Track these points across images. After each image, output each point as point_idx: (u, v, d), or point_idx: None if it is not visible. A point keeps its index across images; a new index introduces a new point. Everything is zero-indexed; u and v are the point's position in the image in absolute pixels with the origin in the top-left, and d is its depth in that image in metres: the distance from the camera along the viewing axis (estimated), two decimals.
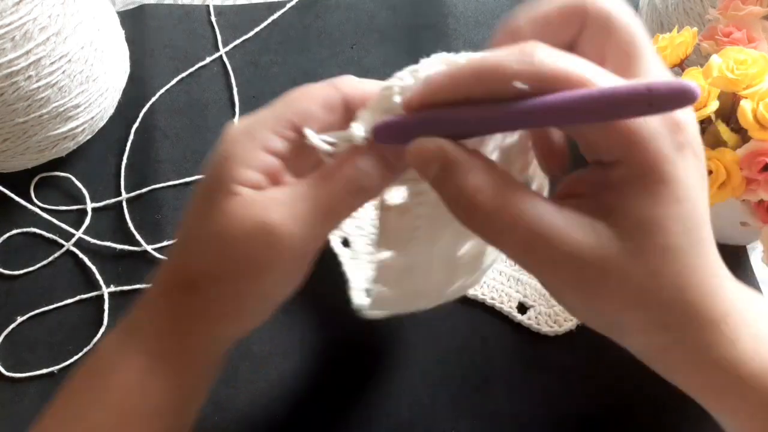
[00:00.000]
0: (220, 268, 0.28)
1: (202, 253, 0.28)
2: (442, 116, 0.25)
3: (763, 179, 0.38)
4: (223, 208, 0.27)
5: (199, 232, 0.29)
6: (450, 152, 0.25)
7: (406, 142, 0.25)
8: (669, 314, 0.24)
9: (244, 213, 0.27)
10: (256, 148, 0.28)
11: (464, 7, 0.62)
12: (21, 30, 0.42)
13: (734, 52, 0.39)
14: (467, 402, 0.45)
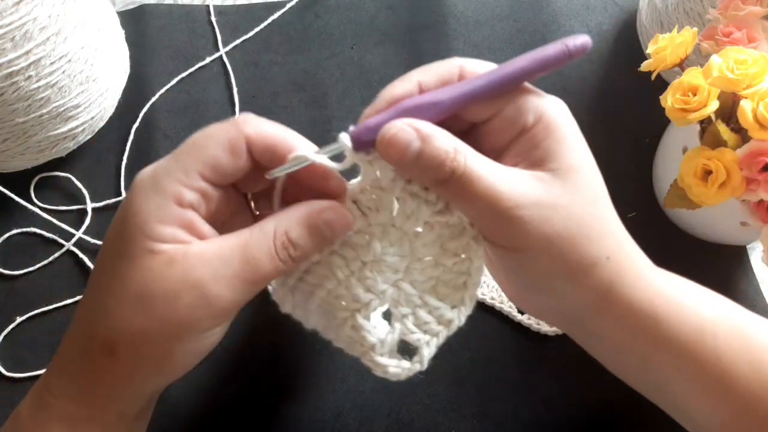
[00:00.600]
0: (143, 329, 0.27)
1: (123, 314, 0.27)
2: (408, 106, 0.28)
3: (763, 179, 0.38)
4: (144, 266, 0.27)
5: (118, 292, 0.27)
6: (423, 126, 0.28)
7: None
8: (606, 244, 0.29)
9: (169, 272, 0.27)
10: (169, 203, 0.28)
11: (464, 7, 0.62)
12: (21, 30, 0.42)
13: (734, 52, 0.39)
14: (467, 402, 0.45)
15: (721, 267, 0.51)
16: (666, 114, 0.42)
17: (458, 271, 0.31)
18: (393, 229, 0.31)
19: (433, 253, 0.31)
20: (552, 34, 0.61)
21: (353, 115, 0.57)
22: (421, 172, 0.28)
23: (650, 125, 0.54)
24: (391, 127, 0.28)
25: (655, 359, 0.31)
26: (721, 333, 0.30)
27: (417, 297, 0.31)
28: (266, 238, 0.28)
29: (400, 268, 0.31)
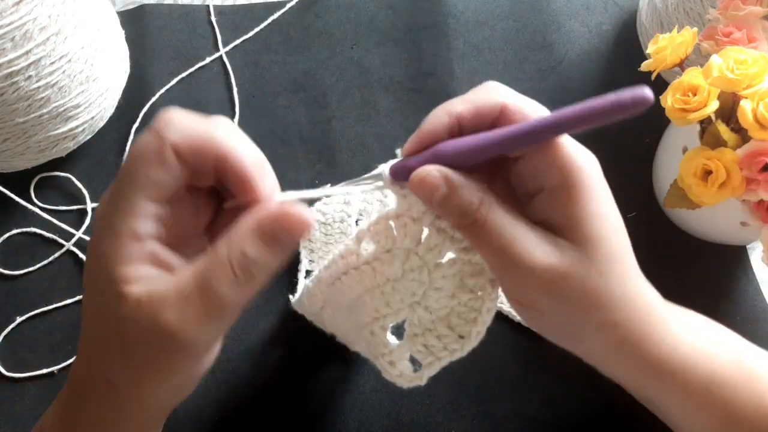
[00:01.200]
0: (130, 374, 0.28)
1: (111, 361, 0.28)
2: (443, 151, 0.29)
3: (763, 179, 0.38)
4: (117, 315, 0.26)
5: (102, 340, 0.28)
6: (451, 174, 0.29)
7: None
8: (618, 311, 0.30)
9: (138, 317, 0.26)
10: (125, 241, 0.26)
11: (464, 7, 0.62)
12: (21, 30, 0.42)
13: (734, 52, 0.39)
14: (467, 402, 0.45)
15: (721, 267, 0.51)
16: (666, 114, 0.42)
17: (471, 307, 0.33)
18: (415, 257, 0.32)
19: (451, 285, 0.32)
20: (552, 34, 0.61)
21: (353, 115, 0.57)
22: (446, 215, 0.30)
23: (650, 125, 0.54)
24: (421, 172, 0.29)
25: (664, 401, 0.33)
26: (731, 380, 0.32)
27: (429, 321, 0.33)
28: (221, 265, 0.26)
29: (417, 292, 0.33)
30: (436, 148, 0.30)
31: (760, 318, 0.49)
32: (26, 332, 0.48)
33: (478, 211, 0.28)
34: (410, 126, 0.56)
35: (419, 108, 0.57)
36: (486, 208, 0.29)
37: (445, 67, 0.59)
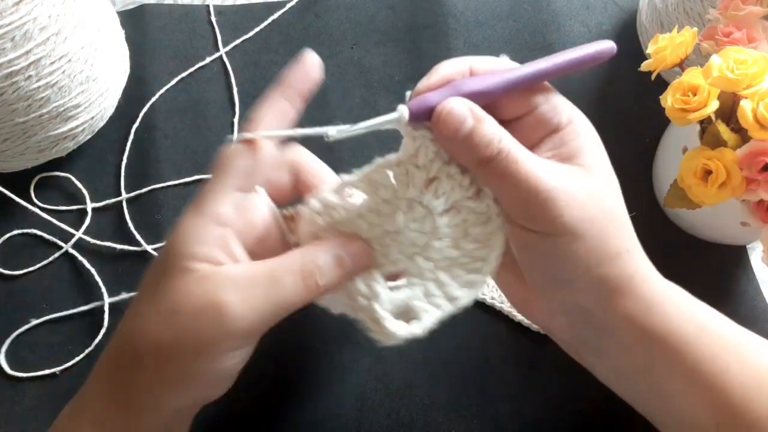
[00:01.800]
0: (165, 341, 0.28)
1: (150, 327, 0.29)
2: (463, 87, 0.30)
3: (763, 179, 0.38)
4: (177, 284, 0.28)
5: (151, 307, 0.29)
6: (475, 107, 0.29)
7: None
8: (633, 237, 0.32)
9: (197, 290, 0.28)
10: (208, 222, 0.29)
11: (464, 7, 0.62)
12: (21, 30, 0.42)
13: (734, 52, 0.39)
14: (467, 402, 0.46)
15: (721, 267, 0.51)
16: (666, 114, 0.42)
17: (476, 256, 0.32)
18: (419, 206, 0.31)
19: (455, 235, 0.32)
20: (552, 34, 0.61)
21: (353, 115, 0.57)
22: (470, 149, 0.29)
23: (650, 125, 0.54)
24: (448, 103, 0.29)
25: (659, 355, 0.31)
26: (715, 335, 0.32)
27: (430, 272, 0.32)
28: (294, 264, 0.30)
29: (419, 243, 0.32)
30: (456, 84, 0.30)
31: (760, 318, 0.49)
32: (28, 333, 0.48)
33: (501, 142, 0.29)
34: None
35: None
36: (507, 139, 0.29)
37: None
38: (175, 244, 0.29)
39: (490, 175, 0.30)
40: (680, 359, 0.31)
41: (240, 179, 0.31)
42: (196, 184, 0.54)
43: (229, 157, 0.31)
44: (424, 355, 0.47)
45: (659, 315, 0.31)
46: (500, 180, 0.29)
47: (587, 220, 0.29)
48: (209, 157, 0.54)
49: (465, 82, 0.30)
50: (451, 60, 0.32)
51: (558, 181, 0.29)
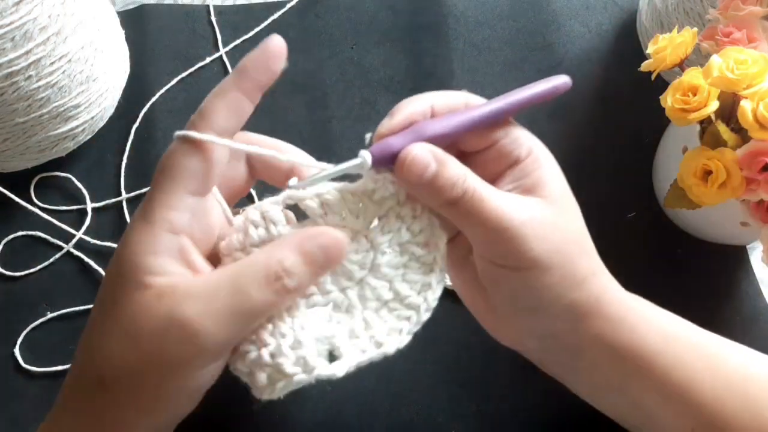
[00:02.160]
0: (130, 365, 0.26)
1: (112, 351, 0.27)
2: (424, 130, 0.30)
3: (763, 179, 0.38)
4: (134, 301, 0.26)
5: (110, 327, 0.27)
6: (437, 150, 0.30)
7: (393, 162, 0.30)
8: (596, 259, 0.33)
9: (158, 308, 0.26)
10: (161, 231, 0.27)
11: (464, 7, 0.62)
12: (21, 30, 0.42)
13: (734, 52, 0.39)
14: (467, 402, 0.45)
15: (721, 267, 0.51)
16: (666, 114, 0.42)
17: (408, 304, 0.31)
18: (364, 239, 0.31)
19: (392, 276, 0.31)
20: (552, 34, 0.61)
21: (353, 114, 0.57)
22: (435, 193, 0.29)
23: (650, 125, 0.54)
24: (411, 150, 0.29)
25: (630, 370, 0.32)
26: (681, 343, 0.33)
27: (359, 310, 0.31)
28: (257, 268, 0.27)
29: (355, 277, 0.31)
30: (417, 128, 0.30)
31: (760, 318, 0.49)
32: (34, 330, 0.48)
33: (466, 182, 0.29)
34: None
35: None
36: (471, 178, 0.30)
37: (445, 67, 0.59)
38: (126, 255, 0.27)
39: (457, 215, 0.30)
40: (650, 371, 0.32)
41: (192, 182, 0.28)
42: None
43: (178, 159, 0.27)
44: (424, 355, 0.47)
45: (627, 332, 0.32)
46: (467, 219, 0.30)
47: (554, 251, 0.30)
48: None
49: (426, 125, 0.30)
50: (411, 99, 0.32)
51: (523, 215, 0.29)
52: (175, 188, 0.27)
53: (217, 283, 0.27)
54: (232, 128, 0.29)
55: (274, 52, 0.29)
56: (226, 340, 0.27)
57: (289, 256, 0.28)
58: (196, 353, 0.26)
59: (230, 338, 0.27)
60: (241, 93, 0.29)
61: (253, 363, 0.29)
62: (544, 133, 0.57)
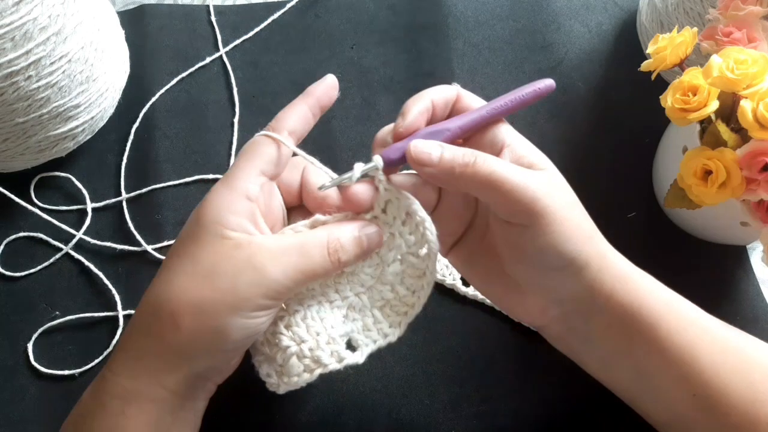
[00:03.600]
0: (208, 300, 0.32)
1: (190, 287, 0.32)
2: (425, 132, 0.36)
3: (763, 179, 0.38)
4: (214, 249, 0.32)
5: (187, 269, 0.32)
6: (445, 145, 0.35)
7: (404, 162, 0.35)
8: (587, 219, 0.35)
9: (235, 254, 0.32)
10: (240, 197, 0.33)
11: (464, 7, 0.62)
12: (21, 30, 0.42)
13: (734, 52, 0.39)
14: (467, 402, 0.46)
15: (721, 267, 0.51)
16: (666, 114, 0.42)
17: (405, 302, 0.38)
18: (375, 254, 0.37)
19: (394, 281, 0.38)
20: (552, 34, 0.61)
21: (353, 114, 0.57)
22: (448, 165, 0.34)
23: (650, 125, 0.54)
24: (416, 142, 0.34)
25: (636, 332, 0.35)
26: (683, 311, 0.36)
27: (369, 309, 0.38)
28: (321, 239, 0.34)
29: (366, 284, 0.38)
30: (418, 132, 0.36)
31: (760, 318, 0.49)
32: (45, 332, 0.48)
33: (473, 154, 0.34)
34: None
35: None
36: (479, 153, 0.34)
37: (445, 67, 0.59)
38: (207, 213, 0.33)
39: (473, 179, 0.33)
40: (654, 334, 0.35)
41: (267, 165, 0.34)
42: (196, 184, 0.54)
43: (258, 144, 0.35)
44: (424, 355, 0.47)
45: (633, 291, 0.35)
46: (482, 181, 0.33)
47: (561, 206, 0.34)
48: (209, 157, 0.55)
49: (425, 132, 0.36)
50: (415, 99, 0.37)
51: (530, 176, 0.34)
52: (252, 166, 0.34)
53: (288, 244, 0.33)
54: (299, 131, 0.36)
55: (330, 85, 0.37)
56: (286, 288, 0.33)
57: (346, 236, 0.35)
58: (261, 294, 0.32)
59: (289, 287, 0.33)
60: (307, 107, 0.36)
61: (291, 355, 0.35)
62: (545, 133, 0.58)
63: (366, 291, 0.38)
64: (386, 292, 0.38)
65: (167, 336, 0.32)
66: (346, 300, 0.38)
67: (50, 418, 0.45)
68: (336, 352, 0.36)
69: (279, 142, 0.35)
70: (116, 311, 0.48)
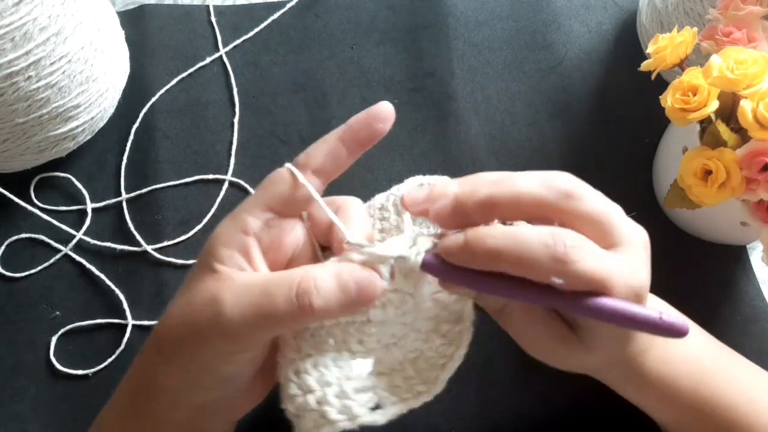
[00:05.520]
0: (176, 328, 0.31)
1: (171, 316, 0.31)
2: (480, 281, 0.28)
3: (763, 179, 0.38)
4: (201, 280, 0.31)
5: (178, 299, 0.32)
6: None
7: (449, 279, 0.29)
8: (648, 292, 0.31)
9: (210, 287, 0.30)
10: (237, 230, 0.31)
11: (464, 7, 0.62)
12: (21, 30, 0.42)
13: (734, 52, 0.39)
14: (467, 402, 0.45)
15: (721, 267, 0.51)
16: (666, 114, 0.42)
17: (441, 353, 0.32)
18: (410, 298, 0.31)
19: (427, 328, 0.32)
20: (552, 34, 0.61)
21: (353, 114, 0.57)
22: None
23: (650, 125, 0.54)
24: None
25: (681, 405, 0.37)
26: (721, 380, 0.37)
27: (398, 363, 0.32)
28: (289, 279, 0.29)
29: (397, 334, 0.32)
30: None
31: (760, 318, 0.49)
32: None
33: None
34: (410, 126, 0.56)
35: (419, 108, 0.57)
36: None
37: (445, 67, 0.59)
38: (209, 243, 0.32)
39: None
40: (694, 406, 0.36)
41: (275, 201, 0.32)
42: (196, 184, 0.54)
43: (273, 181, 0.32)
44: None
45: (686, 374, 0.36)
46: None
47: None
48: (209, 157, 0.55)
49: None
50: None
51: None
52: (259, 199, 0.32)
53: (255, 281, 0.29)
54: (327, 170, 0.32)
55: (379, 115, 0.32)
56: (243, 332, 0.29)
57: (324, 278, 0.29)
58: (217, 332, 0.29)
59: (246, 331, 0.29)
60: (341, 143, 0.32)
61: (300, 407, 0.31)
62: (545, 133, 0.58)
63: (396, 342, 0.33)
64: (418, 342, 0.32)
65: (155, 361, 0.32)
66: (369, 352, 0.32)
67: (51, 417, 0.45)
68: (348, 408, 0.30)
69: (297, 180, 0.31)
70: (123, 315, 0.48)
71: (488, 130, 0.56)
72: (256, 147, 0.55)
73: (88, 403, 0.45)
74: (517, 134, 0.56)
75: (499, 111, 0.57)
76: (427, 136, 0.56)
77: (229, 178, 0.54)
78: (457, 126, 0.56)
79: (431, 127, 0.56)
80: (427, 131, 0.56)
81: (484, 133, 0.56)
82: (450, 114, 0.57)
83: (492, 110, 0.57)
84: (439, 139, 0.56)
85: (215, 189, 0.54)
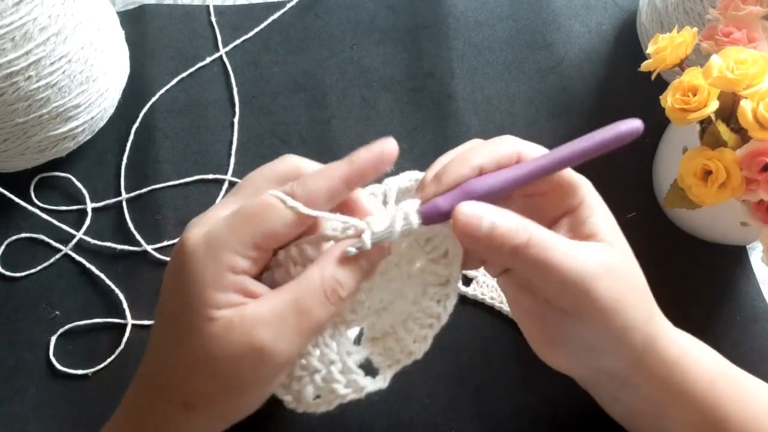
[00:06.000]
0: (212, 391, 0.30)
1: (193, 378, 0.30)
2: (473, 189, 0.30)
3: (763, 179, 0.38)
4: (206, 333, 0.29)
5: (186, 359, 0.30)
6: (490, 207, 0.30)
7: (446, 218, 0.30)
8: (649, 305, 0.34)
9: (229, 336, 0.29)
10: (224, 271, 0.29)
11: (464, 7, 0.62)
12: (21, 30, 0.42)
13: (734, 52, 0.39)
14: (467, 402, 0.45)
15: (721, 267, 0.51)
16: (666, 114, 0.42)
17: (429, 313, 0.34)
18: (395, 268, 0.33)
19: (416, 291, 0.34)
20: (552, 34, 0.61)
21: (353, 114, 0.57)
22: (497, 244, 0.30)
23: (650, 125, 0.53)
24: (461, 209, 0.30)
25: (672, 406, 0.34)
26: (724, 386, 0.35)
27: (389, 326, 0.34)
28: (315, 286, 0.29)
29: (386, 299, 0.34)
30: (466, 186, 0.31)
31: (760, 318, 0.49)
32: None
33: (528, 229, 0.30)
34: (410, 126, 0.56)
35: (419, 108, 0.57)
36: (533, 226, 0.30)
37: (445, 67, 0.59)
38: (190, 291, 0.29)
39: (525, 265, 0.30)
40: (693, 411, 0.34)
41: (264, 240, 0.30)
42: (196, 184, 0.54)
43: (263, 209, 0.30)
44: (423, 354, 0.47)
45: (678, 373, 0.34)
46: (536, 269, 0.30)
47: (619, 297, 0.31)
48: (209, 157, 0.55)
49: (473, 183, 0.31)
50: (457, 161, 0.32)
51: (591, 263, 0.30)
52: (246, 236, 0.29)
53: (283, 307, 0.29)
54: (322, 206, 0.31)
55: (384, 157, 0.31)
56: (294, 355, 0.30)
57: (339, 270, 0.30)
58: (269, 373, 0.30)
59: (297, 352, 0.31)
60: (342, 182, 0.31)
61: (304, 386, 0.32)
62: (545, 133, 0.58)
63: (386, 306, 0.34)
64: (407, 306, 0.34)
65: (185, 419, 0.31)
66: (365, 319, 0.34)
67: (51, 417, 0.45)
68: (354, 381, 0.32)
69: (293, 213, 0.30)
70: (122, 315, 0.48)
71: (488, 130, 0.56)
72: (256, 147, 0.55)
73: (87, 402, 0.45)
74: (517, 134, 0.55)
75: (499, 111, 0.57)
76: (427, 136, 0.56)
77: (229, 178, 0.54)
78: (457, 126, 0.56)
79: (431, 127, 0.56)
80: (427, 131, 0.56)
81: (484, 134, 0.56)
82: (450, 114, 0.57)
83: (492, 110, 0.57)
84: (439, 139, 0.56)
85: (215, 189, 0.54)
